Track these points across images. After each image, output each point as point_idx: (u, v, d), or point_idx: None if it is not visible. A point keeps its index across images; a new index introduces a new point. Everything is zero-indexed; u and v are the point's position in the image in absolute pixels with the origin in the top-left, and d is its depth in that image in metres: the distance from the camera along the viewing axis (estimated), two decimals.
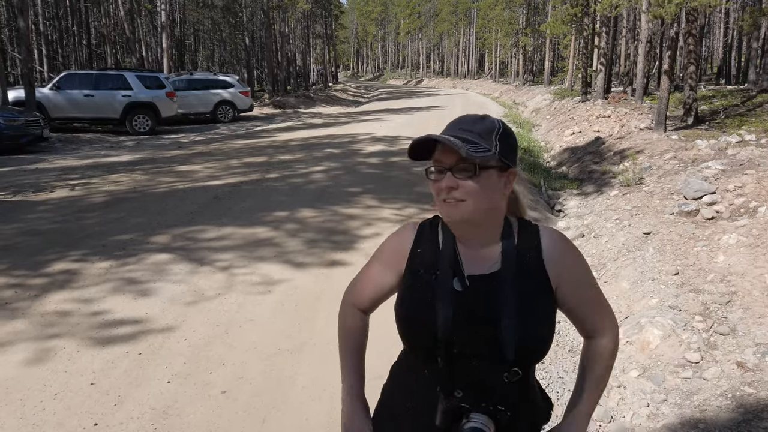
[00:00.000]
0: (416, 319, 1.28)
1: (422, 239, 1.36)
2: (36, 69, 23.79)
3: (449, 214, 1.26)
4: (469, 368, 1.25)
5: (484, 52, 59.26)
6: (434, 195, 1.27)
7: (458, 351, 1.24)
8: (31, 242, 5.71)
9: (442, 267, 1.29)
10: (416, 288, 1.31)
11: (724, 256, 5.05)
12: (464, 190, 1.22)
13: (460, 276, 1.28)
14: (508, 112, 23.15)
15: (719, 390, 3.54)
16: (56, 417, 2.94)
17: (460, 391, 1.24)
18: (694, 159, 7.86)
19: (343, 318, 1.52)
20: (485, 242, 1.31)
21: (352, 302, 1.50)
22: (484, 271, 1.29)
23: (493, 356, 1.24)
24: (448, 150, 1.23)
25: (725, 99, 14.82)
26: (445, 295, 1.25)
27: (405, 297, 1.33)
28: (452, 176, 1.22)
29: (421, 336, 1.28)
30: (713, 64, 36.80)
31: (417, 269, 1.33)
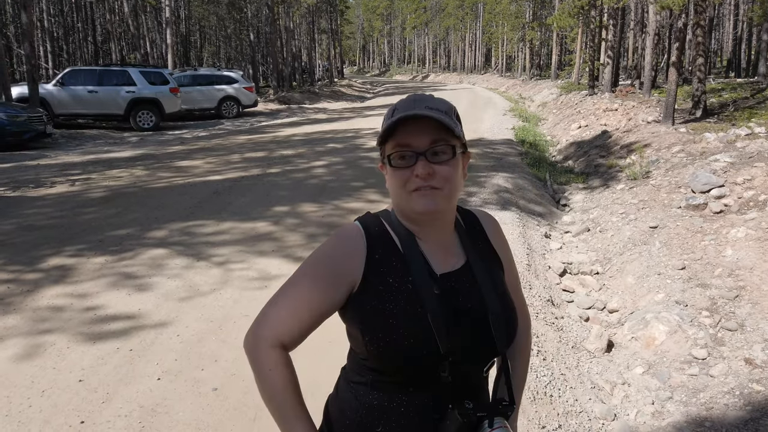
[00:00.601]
0: (413, 337, 1.08)
1: (376, 243, 1.15)
2: (41, 65, 23.82)
3: (424, 206, 1.11)
4: (463, 373, 1.14)
5: (491, 47, 58.92)
6: (396, 186, 1.12)
7: (454, 359, 1.11)
8: (27, 238, 5.65)
9: (414, 271, 1.13)
10: (394, 302, 1.11)
11: (732, 250, 4.92)
12: (441, 176, 1.11)
13: (434, 277, 1.15)
14: (515, 107, 22.98)
15: (726, 387, 3.43)
16: (42, 414, 2.87)
17: (470, 401, 1.10)
18: (703, 152, 7.71)
19: (265, 368, 1.15)
20: (443, 235, 1.20)
21: (273, 340, 1.15)
22: (452, 267, 1.18)
23: (484, 352, 1.16)
24: (419, 131, 1.09)
25: (735, 92, 14.60)
26: (431, 303, 1.10)
27: (382, 316, 1.10)
28: (426, 161, 1.10)
29: (419, 355, 1.08)
30: (723, 56, 36.39)
31: (384, 278, 1.12)
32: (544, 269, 5.39)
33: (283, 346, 1.16)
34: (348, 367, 1.25)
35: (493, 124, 16.67)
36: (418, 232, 1.18)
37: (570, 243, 6.48)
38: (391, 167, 1.12)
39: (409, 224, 1.18)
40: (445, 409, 1.10)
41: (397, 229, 1.17)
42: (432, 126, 1.10)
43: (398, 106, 1.12)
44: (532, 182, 8.89)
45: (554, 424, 3.07)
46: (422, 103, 1.11)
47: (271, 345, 1.16)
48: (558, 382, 3.48)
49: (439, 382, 1.10)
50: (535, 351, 3.69)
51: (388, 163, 1.13)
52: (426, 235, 1.18)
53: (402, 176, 1.11)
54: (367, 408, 1.16)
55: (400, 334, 1.08)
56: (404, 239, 1.16)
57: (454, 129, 1.10)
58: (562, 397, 3.35)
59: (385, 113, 1.15)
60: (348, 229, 1.18)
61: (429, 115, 1.08)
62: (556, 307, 4.66)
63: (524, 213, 6.95)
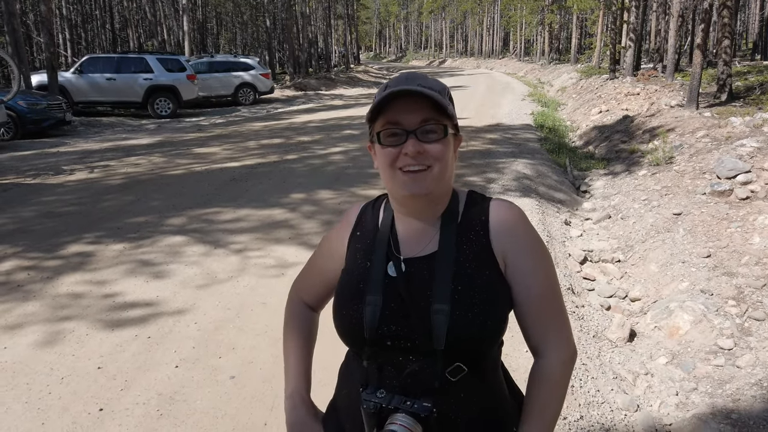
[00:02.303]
0: (345, 311, 1.12)
1: (363, 220, 1.22)
2: (60, 53, 24.02)
3: (413, 185, 1.07)
4: (400, 364, 1.08)
5: (509, 31, 58.12)
6: (385, 165, 1.09)
7: (391, 344, 1.07)
8: (47, 225, 5.70)
9: (376, 250, 1.14)
10: (350, 275, 1.16)
11: (759, 237, 4.78)
12: (431, 154, 1.07)
13: (395, 260, 1.12)
14: (533, 92, 22.66)
15: (754, 379, 3.34)
16: (61, 402, 2.88)
17: (384, 390, 1.06)
18: (728, 137, 7.50)
19: (289, 314, 1.35)
20: (429, 219, 1.15)
21: (299, 297, 1.35)
22: (419, 252, 1.12)
23: (427, 349, 1.06)
24: (410, 109, 1.05)
25: (761, 75, 14.23)
26: (375, 283, 1.09)
27: (340, 288, 1.18)
28: (417, 140, 1.06)
29: (350, 330, 1.11)
30: (748, 39, 35.46)
31: (354, 254, 1.18)
32: (564, 257, 5.30)
33: (304, 302, 1.34)
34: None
35: (512, 109, 16.45)
36: (406, 213, 1.16)
37: (591, 230, 6.36)
38: (380, 145, 1.09)
39: (395, 204, 1.17)
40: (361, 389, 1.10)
41: (385, 209, 1.21)
42: (423, 104, 1.06)
43: (390, 83, 1.09)
44: (552, 168, 8.75)
45: (576, 415, 3.01)
46: (414, 81, 1.07)
47: (294, 299, 1.36)
48: (579, 372, 3.42)
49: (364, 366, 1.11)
50: None
51: (377, 141, 1.09)
52: (408, 215, 1.16)
53: (390, 154, 1.08)
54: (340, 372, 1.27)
55: (341, 306, 1.14)
56: (384, 220, 1.19)
57: (446, 108, 1.07)
58: (583, 388, 3.28)
59: (379, 88, 1.12)
60: (351, 208, 1.27)
61: (421, 92, 1.04)
62: (576, 295, 4.57)
63: (544, 200, 6.84)
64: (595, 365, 3.63)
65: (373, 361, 1.09)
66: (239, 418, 2.79)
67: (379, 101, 1.06)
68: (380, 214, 1.20)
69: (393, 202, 1.18)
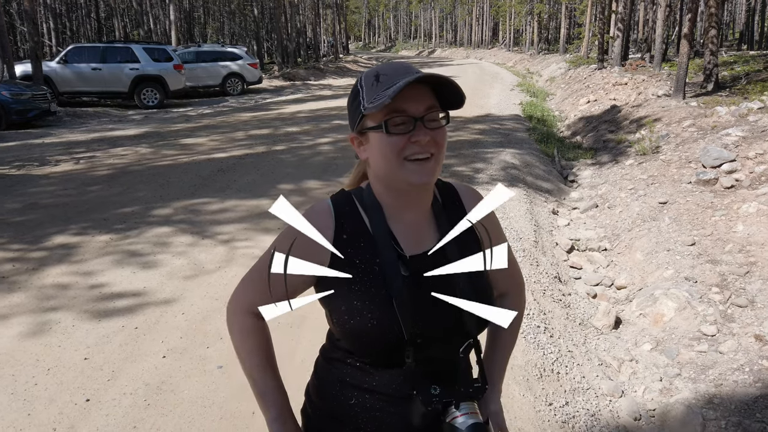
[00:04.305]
0: (378, 323, 1.07)
1: (345, 222, 1.12)
2: (44, 43, 23.67)
3: (422, 174, 1.07)
4: (433, 357, 1.12)
5: (498, 21, 57.98)
6: (392, 154, 1.06)
7: (422, 342, 1.08)
8: (32, 216, 5.64)
9: (382, 253, 1.10)
10: (360, 284, 1.09)
11: (743, 225, 4.84)
12: (435, 143, 1.07)
13: (403, 259, 1.11)
14: (522, 82, 22.68)
15: (736, 364, 3.39)
16: (48, 392, 2.87)
17: (436, 387, 1.07)
18: (714, 126, 7.57)
19: (243, 332, 1.21)
20: (419, 211, 1.16)
21: (250, 311, 1.20)
22: (424, 248, 1.14)
23: (455, 336, 1.13)
24: (415, 96, 1.05)
25: (747, 64, 14.32)
26: (398, 287, 1.07)
27: (350, 300, 1.09)
28: (424, 128, 1.06)
29: (384, 340, 1.07)
30: (735, 29, 35.67)
31: (351, 260, 1.10)
32: (551, 246, 5.34)
33: (257, 315, 1.19)
34: (326, 344, 1.25)
35: (501, 99, 16.46)
36: (393, 208, 1.13)
37: (578, 219, 6.41)
38: (387, 134, 1.06)
39: (388, 198, 1.13)
40: (410, 392, 1.08)
41: (369, 207, 1.13)
42: (426, 93, 1.07)
43: (386, 72, 1.07)
44: (540, 158, 8.78)
45: (561, 401, 3.05)
46: (413, 69, 1.07)
47: (244, 312, 1.21)
48: (565, 359, 3.46)
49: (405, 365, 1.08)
50: (542, 328, 3.66)
51: (384, 129, 1.05)
52: (401, 211, 1.14)
53: (398, 143, 1.05)
54: (341, 382, 1.17)
55: (366, 317, 1.07)
56: (374, 218, 1.12)
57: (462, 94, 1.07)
58: (569, 374, 3.32)
59: (363, 81, 1.10)
60: (317, 209, 1.15)
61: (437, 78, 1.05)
62: (563, 283, 4.61)
63: (532, 189, 6.87)
64: (581, 352, 3.67)
65: (412, 360, 1.08)
66: (227, 407, 2.79)
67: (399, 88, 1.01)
68: (363, 214, 1.14)
69: (387, 195, 1.13)
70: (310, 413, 1.25)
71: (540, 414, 2.88)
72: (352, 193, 1.17)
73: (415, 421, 1.09)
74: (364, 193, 1.16)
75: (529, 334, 3.55)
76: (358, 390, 1.14)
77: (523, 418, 2.82)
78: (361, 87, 1.09)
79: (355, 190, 1.18)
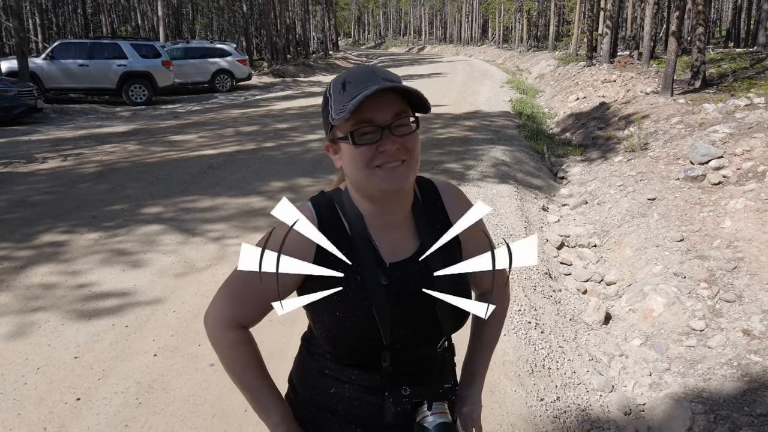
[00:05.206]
0: (358, 332, 1.09)
1: (326, 228, 1.11)
2: (30, 39, 23.40)
3: (393, 181, 1.06)
4: (409, 359, 1.15)
5: (488, 18, 58.06)
6: (360, 164, 1.05)
7: (400, 346, 1.12)
8: (18, 214, 5.58)
9: (363, 262, 1.10)
10: (342, 293, 1.09)
11: (730, 221, 4.89)
12: (406, 148, 1.06)
13: (383, 267, 1.12)
14: (512, 79, 22.73)
15: (724, 358, 3.43)
16: (37, 392, 2.85)
17: (407, 388, 1.12)
18: (701, 123, 7.63)
19: (230, 344, 1.19)
20: (399, 216, 1.16)
21: (230, 321, 1.18)
22: (403, 255, 1.15)
23: (431, 338, 1.17)
24: (381, 104, 1.03)
25: (734, 62, 14.44)
26: (378, 297, 1.08)
27: (330, 307, 1.10)
28: (392, 136, 1.05)
29: (363, 347, 1.11)
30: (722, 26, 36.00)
31: (335, 267, 1.10)
32: (541, 242, 5.37)
33: (240, 326, 1.19)
34: (307, 334, 1.28)
35: (490, 96, 16.49)
36: (372, 214, 1.13)
37: (568, 216, 6.44)
38: (353, 145, 1.05)
39: (366, 205, 1.13)
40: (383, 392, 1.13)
41: (349, 213, 1.14)
42: (393, 98, 1.05)
43: (351, 80, 1.05)
44: (530, 155, 8.82)
45: (552, 396, 3.07)
46: (378, 76, 1.05)
47: (227, 326, 1.19)
48: (556, 354, 3.48)
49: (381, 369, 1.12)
50: (533, 324, 3.68)
51: (351, 141, 1.05)
52: (380, 217, 1.14)
53: (366, 153, 1.05)
54: (321, 373, 1.21)
55: (345, 326, 1.09)
56: (354, 225, 1.13)
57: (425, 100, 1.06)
58: (560, 370, 3.34)
59: (331, 88, 1.08)
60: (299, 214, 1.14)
61: (399, 88, 1.03)
62: (553, 279, 4.64)
63: (522, 186, 6.90)
64: (571, 348, 3.69)
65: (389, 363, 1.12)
66: (219, 405, 2.78)
67: (356, 103, 1.00)
68: (343, 220, 1.14)
69: (364, 202, 1.13)
70: (293, 399, 1.28)
71: (531, 409, 2.90)
72: (333, 197, 1.17)
73: (387, 419, 1.13)
74: (344, 197, 1.16)
75: (521, 330, 3.57)
76: (337, 381, 1.18)
77: (515, 413, 2.83)
78: (330, 95, 1.09)
79: (335, 194, 1.18)
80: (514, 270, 4.07)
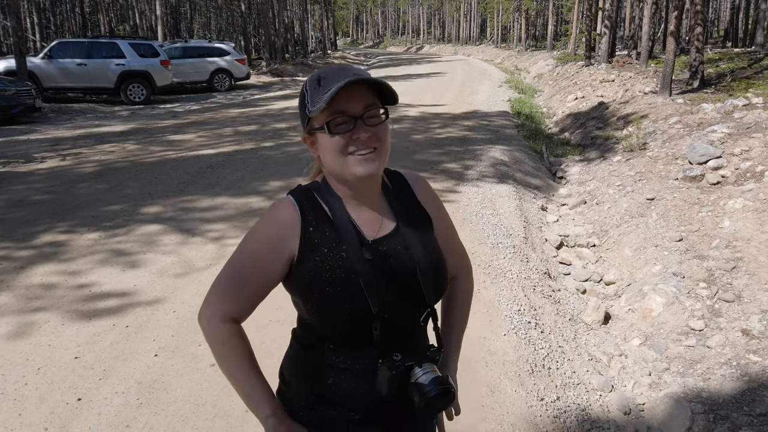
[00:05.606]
0: (348, 303, 1.18)
1: (309, 215, 1.22)
2: (28, 38, 23.34)
3: (366, 166, 1.17)
4: (396, 328, 1.24)
5: (486, 17, 58.07)
6: (335, 152, 1.16)
7: (388, 316, 1.20)
8: (18, 213, 5.58)
9: (346, 241, 1.20)
10: (330, 271, 1.19)
11: (729, 221, 4.91)
12: (377, 137, 1.18)
13: (366, 244, 1.22)
14: (510, 78, 22.74)
15: (723, 358, 3.44)
16: (38, 392, 2.85)
17: (398, 354, 1.20)
18: (700, 123, 7.65)
19: (224, 337, 1.26)
20: (373, 199, 1.27)
21: (223, 315, 1.26)
22: (383, 232, 1.26)
23: (415, 307, 1.26)
24: (353, 98, 1.15)
25: (732, 62, 14.47)
26: (363, 270, 1.18)
27: (319, 285, 1.18)
28: (364, 125, 1.16)
29: (354, 318, 1.19)
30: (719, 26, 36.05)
31: (319, 249, 1.20)
32: (540, 242, 5.38)
33: (233, 320, 1.27)
34: (298, 329, 1.34)
35: (489, 96, 16.50)
36: (350, 198, 1.24)
37: (567, 215, 6.46)
38: (329, 134, 1.16)
39: (343, 190, 1.23)
40: (377, 363, 1.20)
41: (328, 199, 1.23)
42: (364, 92, 1.17)
43: (325, 76, 1.16)
44: (529, 155, 8.83)
45: (552, 396, 3.08)
46: (350, 71, 1.16)
47: (221, 320, 1.26)
48: (556, 354, 3.49)
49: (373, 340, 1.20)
50: (533, 324, 3.69)
51: (327, 130, 1.15)
52: (357, 200, 1.24)
53: (340, 141, 1.16)
54: (316, 365, 1.27)
55: (338, 300, 1.17)
56: (335, 209, 1.23)
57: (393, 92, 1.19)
58: (560, 370, 3.35)
59: (307, 84, 1.19)
60: (282, 205, 1.24)
61: (368, 80, 1.14)
62: (552, 279, 4.65)
63: (521, 186, 6.91)
64: (571, 347, 3.70)
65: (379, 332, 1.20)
66: (220, 405, 2.78)
67: (331, 93, 1.11)
68: (323, 206, 1.23)
69: (341, 188, 1.23)
70: (286, 393, 1.33)
71: (532, 409, 2.91)
72: (310, 188, 1.26)
73: (382, 388, 1.19)
74: (321, 186, 1.25)
75: (521, 330, 3.58)
76: (334, 370, 1.24)
77: (516, 413, 2.84)
78: (307, 91, 1.19)
79: (312, 185, 1.27)
80: (514, 271, 4.05)
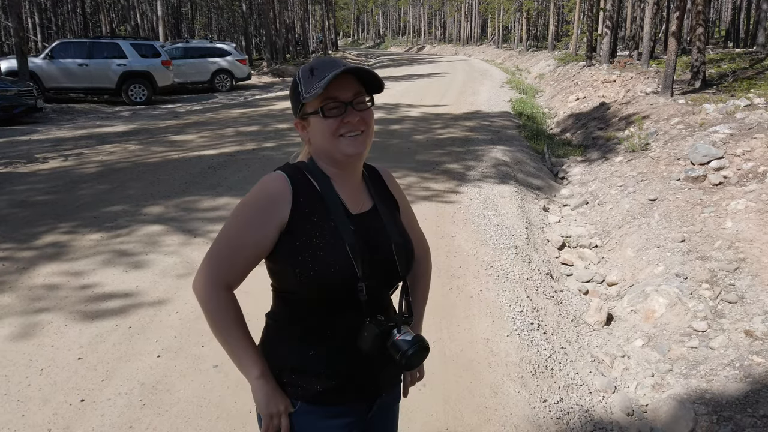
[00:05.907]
0: (337, 265, 1.30)
1: (299, 188, 1.35)
2: (29, 38, 23.36)
3: (355, 146, 1.33)
4: (376, 294, 1.37)
5: (487, 18, 58.07)
6: (327, 133, 1.31)
7: (370, 281, 1.32)
8: (20, 214, 5.58)
9: (334, 212, 1.34)
10: (320, 237, 1.32)
11: (732, 222, 4.90)
12: (364, 121, 1.34)
13: (350, 216, 1.38)
14: (511, 79, 22.73)
15: (726, 359, 3.44)
16: (42, 393, 2.85)
17: (381, 315, 1.35)
18: (702, 123, 7.64)
19: (219, 305, 1.35)
20: (355, 180, 1.43)
21: (224, 284, 1.35)
22: (363, 209, 1.42)
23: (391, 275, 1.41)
24: (343, 86, 1.30)
25: (733, 62, 14.46)
26: (349, 237, 1.32)
27: (310, 249, 1.30)
28: (354, 110, 1.32)
29: (343, 279, 1.30)
30: (721, 26, 36.03)
31: (309, 218, 1.33)
32: (542, 243, 5.37)
33: (227, 287, 1.37)
34: (274, 310, 1.45)
35: (490, 96, 16.50)
36: (336, 177, 1.38)
37: (568, 216, 6.45)
38: (324, 117, 1.30)
39: (331, 168, 1.38)
40: (363, 324, 1.33)
41: (317, 176, 1.37)
42: (352, 81, 1.32)
43: (318, 66, 1.31)
44: (530, 155, 8.82)
45: (555, 398, 3.08)
46: (340, 63, 1.31)
47: (216, 287, 1.35)
48: (559, 355, 3.49)
49: (356, 304, 1.32)
50: (535, 325, 3.68)
51: (321, 114, 1.30)
52: (342, 179, 1.39)
53: (333, 124, 1.31)
54: (300, 338, 1.38)
55: (327, 262, 1.29)
56: (323, 184, 1.36)
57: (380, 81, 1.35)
58: (563, 371, 3.35)
59: (300, 74, 1.34)
60: (273, 177, 1.36)
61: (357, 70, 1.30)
62: (555, 280, 4.65)
63: (522, 186, 6.90)
64: (573, 349, 3.70)
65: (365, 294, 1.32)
66: (223, 406, 2.79)
67: (327, 81, 1.25)
68: (313, 181, 1.37)
69: (329, 167, 1.38)
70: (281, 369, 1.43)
71: (535, 410, 2.91)
72: (299, 165, 1.39)
73: (366, 344, 1.32)
74: (309, 166, 1.39)
75: (523, 331, 3.57)
76: (317, 342, 1.37)
77: (519, 414, 2.84)
78: (300, 80, 1.33)
79: (299, 163, 1.41)
80: (516, 272, 4.06)
